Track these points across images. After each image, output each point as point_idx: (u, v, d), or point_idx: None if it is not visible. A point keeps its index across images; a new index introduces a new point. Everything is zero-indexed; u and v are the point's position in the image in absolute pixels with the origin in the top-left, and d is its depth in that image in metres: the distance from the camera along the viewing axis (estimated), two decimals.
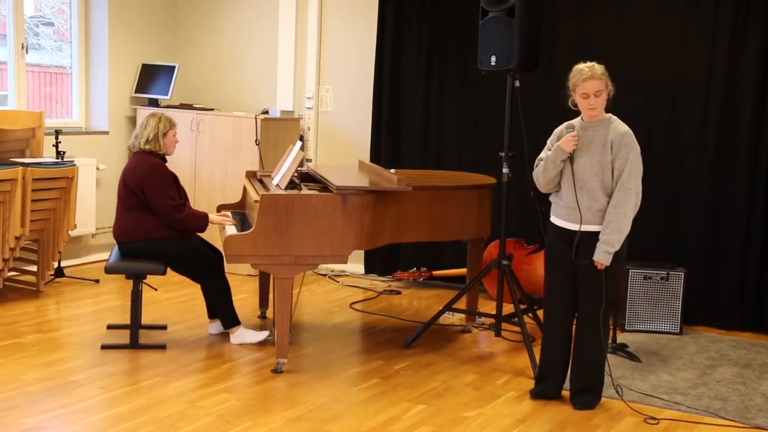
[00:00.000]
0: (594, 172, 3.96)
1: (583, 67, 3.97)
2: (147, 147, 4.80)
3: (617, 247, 3.95)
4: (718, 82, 5.66)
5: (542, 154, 4.14)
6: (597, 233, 3.98)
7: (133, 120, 7.17)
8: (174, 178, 4.85)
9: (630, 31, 5.87)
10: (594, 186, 3.96)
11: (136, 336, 4.77)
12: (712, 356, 5.12)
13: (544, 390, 4.26)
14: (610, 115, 4.05)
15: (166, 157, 4.90)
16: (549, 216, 4.21)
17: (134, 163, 4.81)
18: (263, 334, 4.98)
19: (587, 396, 4.16)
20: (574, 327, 4.18)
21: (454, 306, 5.21)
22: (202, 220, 4.84)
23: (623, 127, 4.00)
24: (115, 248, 4.91)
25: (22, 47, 6.47)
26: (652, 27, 5.83)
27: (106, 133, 7.07)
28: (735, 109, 5.63)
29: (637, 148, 3.97)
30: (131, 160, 4.88)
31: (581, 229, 3.98)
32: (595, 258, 3.96)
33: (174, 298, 5.90)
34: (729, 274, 5.71)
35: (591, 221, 3.99)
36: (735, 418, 4.11)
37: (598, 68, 3.96)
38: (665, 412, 4.16)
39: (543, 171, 4.08)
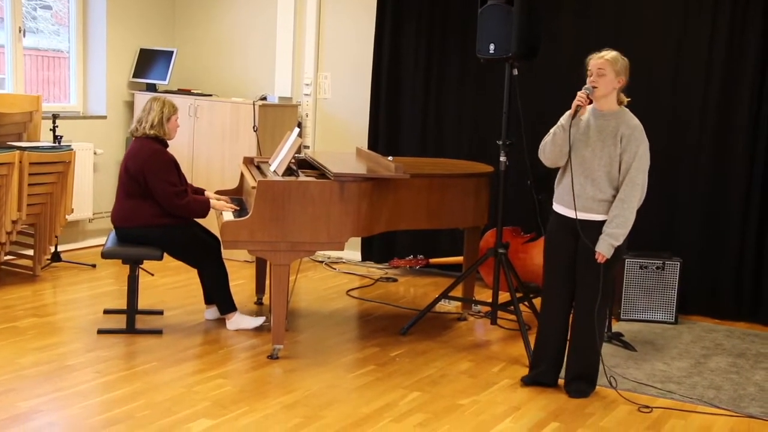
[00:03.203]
0: (602, 163, 3.96)
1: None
2: (152, 132, 4.77)
3: (621, 240, 3.97)
4: (717, 73, 5.65)
5: (552, 130, 4.12)
6: (599, 222, 3.98)
7: (130, 105, 7.16)
8: (175, 164, 4.82)
9: (631, 19, 5.86)
10: (599, 176, 3.97)
11: (132, 321, 4.78)
12: (706, 346, 5.14)
13: (537, 376, 4.27)
14: (622, 107, 4.05)
15: (168, 141, 4.89)
16: (545, 204, 4.20)
17: (136, 149, 4.78)
18: (260, 320, 4.99)
19: (581, 384, 4.18)
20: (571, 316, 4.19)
21: (450, 294, 5.22)
22: (203, 205, 4.82)
23: (634, 121, 4.00)
24: (112, 233, 4.90)
25: (20, 31, 6.45)
26: (653, 14, 5.81)
27: (104, 117, 7.06)
28: (734, 101, 5.63)
29: (646, 142, 3.97)
30: (132, 145, 4.85)
31: (578, 217, 3.98)
32: (598, 249, 3.96)
33: (170, 283, 5.90)
34: (725, 265, 5.73)
35: (593, 210, 3.99)
36: (728, 407, 4.13)
37: (610, 53, 3.99)
38: (659, 400, 4.18)
39: (551, 140, 4.03)
